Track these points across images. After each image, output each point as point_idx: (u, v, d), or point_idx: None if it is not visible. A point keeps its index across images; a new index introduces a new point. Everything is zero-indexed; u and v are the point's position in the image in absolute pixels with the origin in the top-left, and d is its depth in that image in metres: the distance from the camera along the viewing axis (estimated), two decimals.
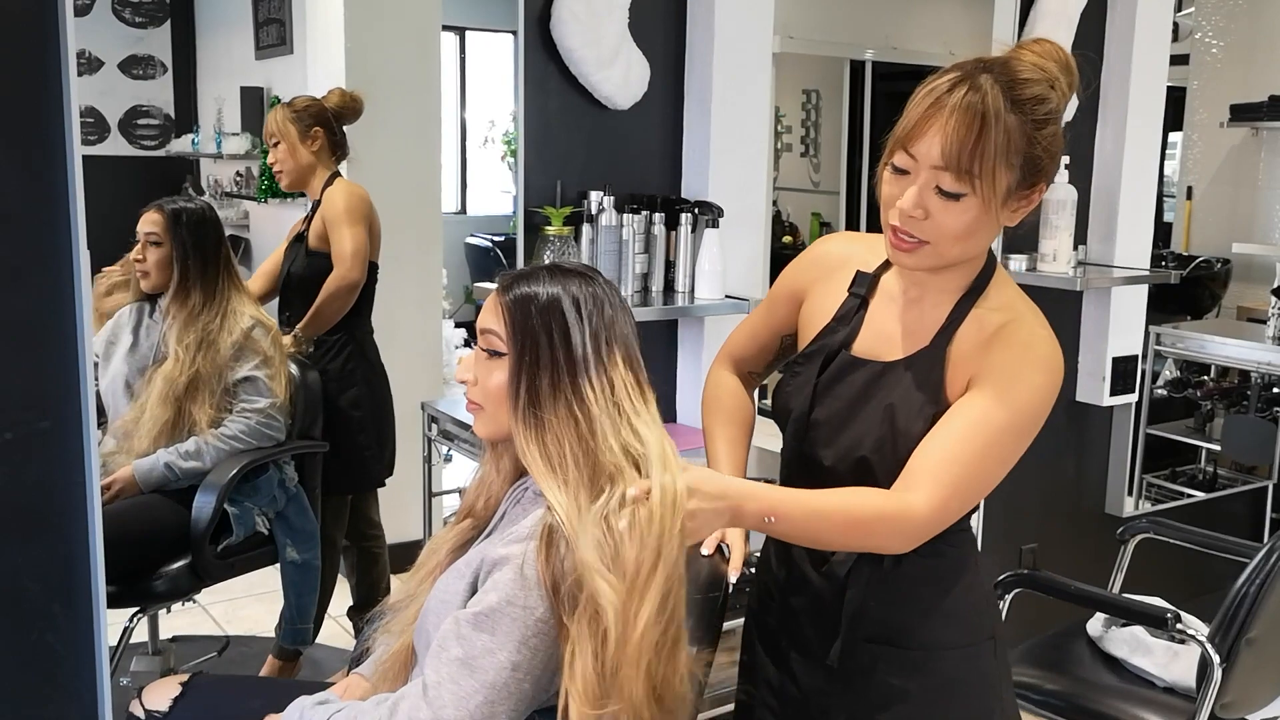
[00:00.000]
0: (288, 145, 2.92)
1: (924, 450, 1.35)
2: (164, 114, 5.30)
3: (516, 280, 1.38)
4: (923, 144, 1.30)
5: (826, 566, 1.47)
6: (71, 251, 1.11)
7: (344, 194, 2.91)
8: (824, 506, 1.33)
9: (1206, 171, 4.26)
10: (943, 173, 1.30)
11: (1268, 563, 2.03)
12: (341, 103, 3.00)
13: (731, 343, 1.70)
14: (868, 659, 1.45)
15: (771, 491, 1.33)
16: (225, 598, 3.37)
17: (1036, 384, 1.36)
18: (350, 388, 2.96)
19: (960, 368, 1.39)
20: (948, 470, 1.33)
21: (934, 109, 1.29)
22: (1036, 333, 1.39)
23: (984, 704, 1.48)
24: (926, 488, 1.33)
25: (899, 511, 1.33)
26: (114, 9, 5.15)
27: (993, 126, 1.28)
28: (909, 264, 1.39)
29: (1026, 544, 3.31)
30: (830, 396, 1.46)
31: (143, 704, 1.64)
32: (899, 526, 1.34)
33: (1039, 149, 1.32)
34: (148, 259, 2.63)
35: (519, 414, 1.34)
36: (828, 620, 1.46)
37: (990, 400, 1.35)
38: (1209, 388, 3.92)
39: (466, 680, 1.23)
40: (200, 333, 2.57)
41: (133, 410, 2.60)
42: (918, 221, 1.33)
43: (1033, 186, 1.35)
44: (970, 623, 1.47)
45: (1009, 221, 1.37)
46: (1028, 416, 1.36)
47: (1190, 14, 4.12)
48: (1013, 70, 1.32)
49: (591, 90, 2.37)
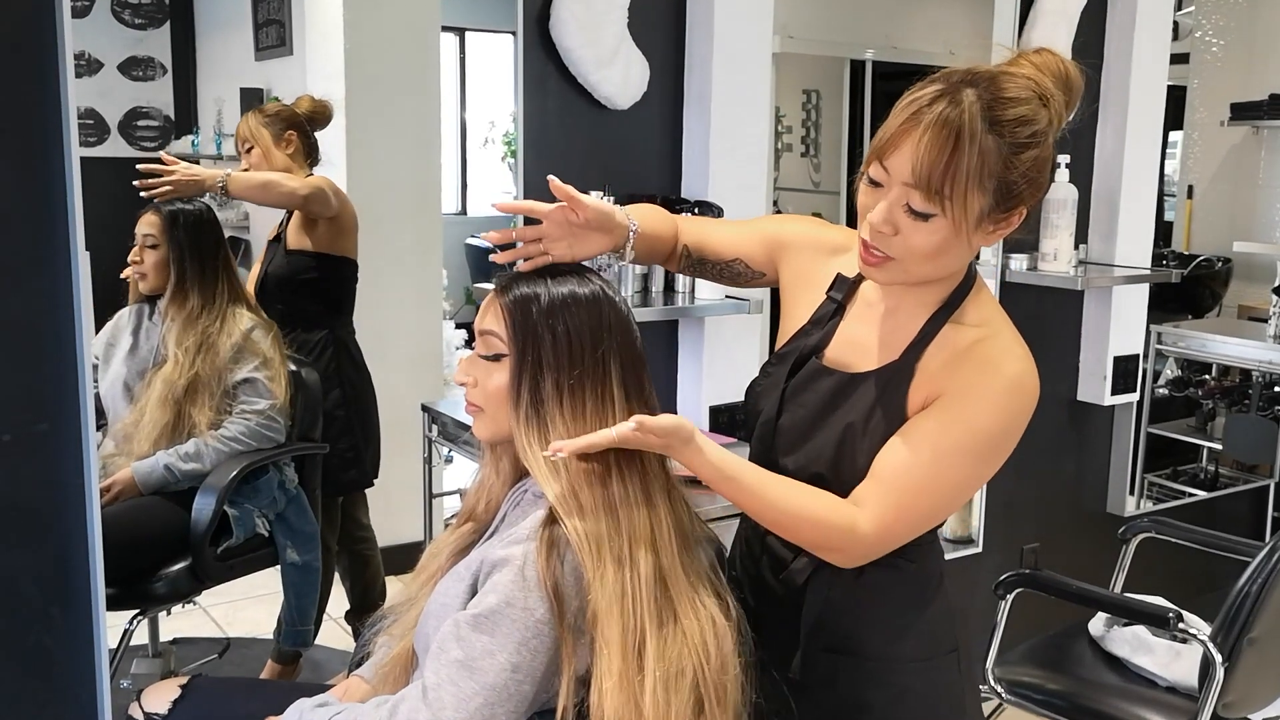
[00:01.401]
0: (262, 149, 2.92)
1: (875, 467, 1.33)
2: (164, 115, 5.29)
3: (515, 281, 1.38)
4: (896, 158, 1.26)
5: (785, 574, 1.45)
6: (70, 253, 1.11)
7: (320, 176, 2.92)
8: (776, 489, 1.33)
9: (1207, 170, 4.25)
10: (913, 191, 1.26)
11: (1269, 562, 2.03)
12: (312, 109, 3.00)
13: (700, 219, 1.67)
14: (828, 669, 1.43)
15: (733, 454, 1.33)
16: (225, 600, 3.36)
17: (999, 406, 1.31)
18: (334, 388, 2.95)
19: (924, 385, 1.35)
20: (893, 493, 1.31)
21: (911, 122, 1.25)
22: (1009, 350, 1.34)
23: (945, 717, 1.47)
24: (871, 508, 1.31)
25: (844, 526, 1.32)
26: (113, 10, 5.14)
27: (966, 147, 1.23)
28: (878, 279, 1.37)
29: (1028, 544, 3.31)
30: (796, 404, 1.44)
31: (142, 707, 1.64)
32: (840, 542, 1.33)
33: (1015, 174, 1.26)
34: (145, 261, 2.63)
35: (521, 415, 1.34)
36: (788, 629, 1.44)
37: (946, 420, 1.31)
38: (1210, 387, 3.91)
39: (466, 682, 1.23)
40: (199, 335, 2.57)
41: (132, 413, 2.60)
42: (886, 238, 1.30)
43: (1009, 211, 1.30)
44: (930, 636, 1.44)
45: (984, 243, 1.34)
46: (987, 439, 1.32)
47: (1190, 12, 4.12)
48: (1000, 86, 1.27)
49: (591, 90, 2.37)
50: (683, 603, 1.31)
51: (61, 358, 1.12)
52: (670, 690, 1.27)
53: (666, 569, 1.31)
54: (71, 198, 1.10)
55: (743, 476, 1.33)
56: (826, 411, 1.41)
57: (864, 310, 1.45)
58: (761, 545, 1.49)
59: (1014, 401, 1.33)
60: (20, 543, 1.12)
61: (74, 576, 1.14)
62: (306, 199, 2.80)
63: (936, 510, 1.37)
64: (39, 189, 1.09)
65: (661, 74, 2.47)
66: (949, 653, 1.45)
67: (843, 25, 3.88)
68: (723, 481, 1.32)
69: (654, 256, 1.59)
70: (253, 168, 2.92)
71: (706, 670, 1.30)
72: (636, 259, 1.53)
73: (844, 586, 1.41)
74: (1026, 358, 1.35)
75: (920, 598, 1.43)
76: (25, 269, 1.09)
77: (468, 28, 5.47)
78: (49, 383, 1.12)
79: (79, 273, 1.11)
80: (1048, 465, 3.26)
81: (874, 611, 1.42)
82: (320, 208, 2.84)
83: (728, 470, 1.32)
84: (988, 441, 1.33)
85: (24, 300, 1.10)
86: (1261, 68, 4.09)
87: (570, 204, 1.37)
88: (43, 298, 1.10)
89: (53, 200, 1.09)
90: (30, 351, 1.10)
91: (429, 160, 3.79)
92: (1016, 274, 2.98)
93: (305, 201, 2.81)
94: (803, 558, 1.43)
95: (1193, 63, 4.13)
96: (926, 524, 1.38)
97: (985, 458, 1.34)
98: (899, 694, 1.43)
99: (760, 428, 1.47)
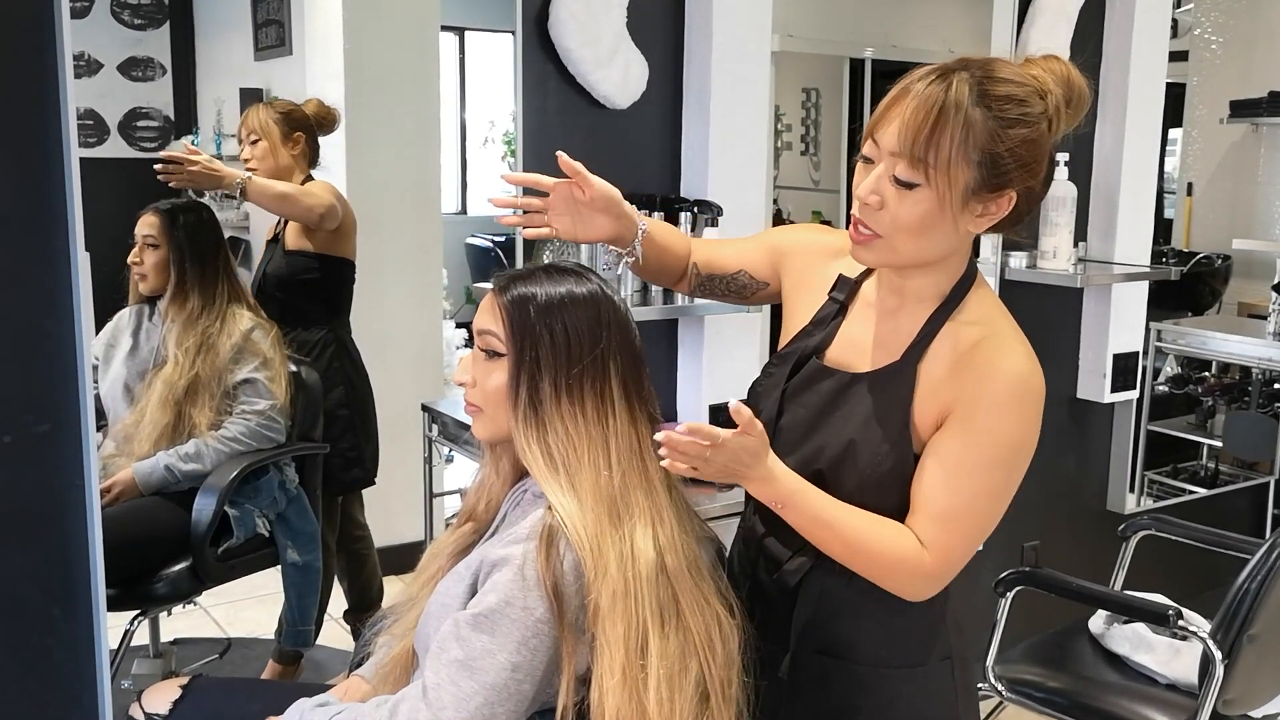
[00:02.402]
0: (269, 144, 2.91)
1: (921, 502, 1.33)
2: (163, 116, 5.29)
3: (513, 281, 1.38)
4: (884, 130, 1.28)
5: (779, 574, 1.45)
6: (70, 254, 1.11)
7: (325, 184, 2.93)
8: (845, 519, 1.33)
9: (1206, 168, 4.25)
10: (898, 159, 1.27)
11: (1269, 559, 2.03)
12: (319, 112, 3.00)
13: (709, 240, 1.68)
14: (818, 671, 1.43)
15: (802, 480, 1.33)
16: (226, 600, 3.37)
17: (1012, 412, 1.32)
18: (336, 388, 2.96)
19: (931, 392, 1.35)
20: (946, 523, 1.32)
21: (900, 96, 1.28)
22: (1011, 350, 1.34)
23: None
24: (932, 546, 1.32)
25: (910, 559, 1.32)
26: (113, 11, 5.14)
27: (951, 115, 1.25)
28: (867, 259, 1.36)
29: (1028, 541, 3.29)
30: (796, 403, 1.44)
31: (142, 707, 1.64)
32: (905, 573, 1.34)
33: (1002, 148, 1.26)
34: (145, 261, 2.63)
35: (519, 414, 1.34)
36: (781, 630, 1.44)
37: (968, 439, 1.32)
38: (1210, 384, 3.91)
39: (466, 681, 1.23)
40: (199, 336, 2.57)
41: (133, 414, 2.60)
42: (872, 211, 1.30)
43: (997, 191, 1.29)
44: (922, 643, 1.44)
45: (972, 228, 1.32)
46: (1011, 447, 1.33)
47: (1189, 10, 4.12)
48: (993, 69, 1.29)
49: (590, 90, 2.37)
50: (687, 599, 1.31)
51: (61, 359, 1.11)
52: (674, 687, 1.27)
53: (670, 566, 1.31)
54: (71, 198, 1.10)
55: (808, 494, 1.33)
56: (827, 411, 1.41)
57: (865, 311, 1.45)
58: (759, 545, 1.49)
59: (1025, 404, 1.33)
60: (20, 544, 1.11)
61: (74, 577, 1.14)
62: (322, 217, 2.83)
63: (985, 525, 1.37)
64: (38, 190, 1.09)
65: (661, 73, 2.47)
66: (942, 660, 1.44)
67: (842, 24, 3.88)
68: (792, 496, 1.32)
69: (665, 272, 1.60)
70: (255, 160, 2.92)
71: (712, 667, 1.30)
72: (647, 269, 1.54)
73: (837, 589, 1.41)
74: (1028, 354, 1.35)
75: (912, 603, 1.42)
76: (25, 270, 1.09)
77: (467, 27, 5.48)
78: (49, 384, 1.11)
79: (79, 274, 1.11)
80: (1048, 463, 3.25)
81: (866, 615, 1.42)
82: (330, 223, 2.86)
83: (794, 485, 1.32)
84: (1012, 449, 1.33)
85: (23, 301, 1.09)
86: (1261, 65, 4.09)
87: (576, 180, 1.38)
88: (42, 298, 1.10)
89: (52, 201, 1.09)
90: (30, 353, 1.10)
91: (429, 160, 3.80)
92: (1016, 272, 2.98)
93: (321, 220, 2.84)
94: (798, 558, 1.43)
95: (1192, 60, 4.13)
96: (979, 540, 1.38)
97: (1015, 464, 1.35)
98: (889, 700, 1.42)
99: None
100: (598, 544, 1.27)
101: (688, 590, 1.32)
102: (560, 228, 1.39)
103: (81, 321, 1.12)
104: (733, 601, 1.37)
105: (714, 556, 1.46)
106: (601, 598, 1.25)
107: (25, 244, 1.09)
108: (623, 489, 1.32)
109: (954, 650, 1.46)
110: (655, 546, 1.31)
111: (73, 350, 1.12)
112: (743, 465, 1.28)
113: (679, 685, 1.27)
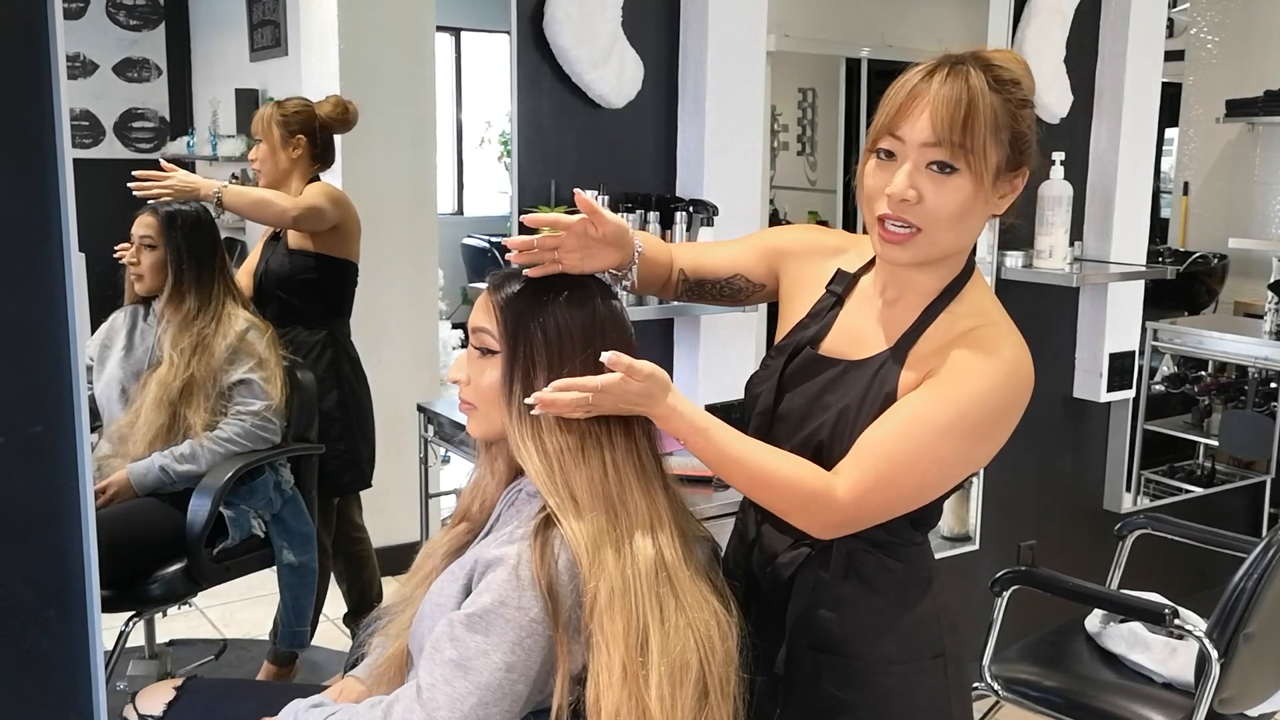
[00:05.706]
0: (269, 147, 2.91)
1: (860, 440, 1.34)
2: (159, 117, 5.29)
3: (508, 279, 1.38)
4: (910, 124, 1.30)
5: (772, 567, 1.45)
6: (64, 255, 1.10)
7: (321, 186, 2.92)
8: (751, 448, 1.34)
9: (1203, 167, 4.25)
10: (934, 148, 1.29)
11: (1265, 558, 2.03)
12: (334, 112, 2.98)
13: (694, 244, 1.67)
14: (812, 666, 1.43)
15: (713, 419, 1.34)
16: (222, 601, 3.36)
17: (991, 385, 1.32)
18: (333, 389, 2.95)
19: (915, 366, 1.36)
20: (872, 461, 1.32)
21: (922, 86, 1.31)
22: (1004, 337, 1.36)
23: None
24: (850, 476, 1.32)
25: (819, 489, 1.32)
26: (108, 12, 5.14)
27: (979, 101, 1.29)
28: (902, 258, 1.35)
29: (1025, 540, 3.31)
30: (793, 392, 1.45)
31: (136, 709, 1.64)
32: (814, 506, 1.33)
33: (1023, 126, 1.34)
34: (142, 262, 2.62)
35: (513, 412, 1.34)
36: (775, 625, 1.44)
37: (935, 397, 1.32)
38: (1206, 383, 3.92)
39: (460, 682, 1.23)
40: (195, 337, 2.56)
41: (127, 415, 2.60)
42: (910, 205, 1.31)
43: (1017, 169, 1.35)
44: (916, 640, 1.44)
45: (997, 209, 1.36)
46: (978, 418, 1.32)
47: (1185, 9, 4.12)
48: (986, 57, 1.34)
49: (585, 90, 2.37)
50: (685, 596, 1.31)
51: (56, 359, 1.11)
52: (676, 684, 1.27)
53: (668, 562, 1.31)
54: (65, 199, 1.10)
55: (716, 430, 1.33)
56: (822, 397, 1.42)
57: (863, 303, 1.46)
58: (755, 537, 1.49)
59: (1008, 384, 1.33)
60: (15, 545, 1.11)
61: (69, 578, 1.14)
62: (296, 219, 2.81)
63: (920, 488, 1.36)
64: (33, 191, 1.09)
65: (656, 73, 2.47)
66: (934, 658, 1.44)
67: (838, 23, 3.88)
68: (696, 434, 1.32)
69: (651, 284, 1.59)
70: (259, 160, 2.93)
71: (712, 663, 1.30)
72: (636, 285, 1.54)
73: (830, 583, 1.41)
74: (1021, 345, 1.36)
75: (905, 599, 1.43)
76: (19, 271, 1.09)
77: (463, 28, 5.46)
78: (43, 385, 1.11)
79: (73, 274, 1.11)
80: (1044, 462, 3.26)
81: (858, 610, 1.42)
82: (311, 225, 2.84)
83: (700, 422, 1.32)
84: (979, 421, 1.32)
85: (18, 302, 1.09)
86: (1257, 64, 4.09)
87: (592, 218, 1.38)
88: (37, 299, 1.10)
89: (47, 202, 1.09)
90: (24, 353, 1.10)
91: (425, 160, 3.80)
92: (1012, 271, 2.98)
93: (295, 222, 2.82)
94: (793, 550, 1.44)
95: (1188, 59, 4.14)
96: (908, 501, 1.37)
97: (975, 439, 1.33)
98: (882, 696, 1.43)
99: (757, 418, 1.47)
100: (594, 542, 1.27)
101: (687, 587, 1.32)
102: (570, 263, 1.40)
103: (76, 322, 1.12)
104: (730, 599, 1.37)
105: (710, 556, 1.46)
106: (599, 592, 1.25)
107: (19, 245, 1.09)
108: (619, 488, 1.32)
109: (947, 649, 1.46)
110: (654, 544, 1.31)
111: (67, 351, 1.12)
112: (636, 406, 1.29)
113: (680, 682, 1.27)
